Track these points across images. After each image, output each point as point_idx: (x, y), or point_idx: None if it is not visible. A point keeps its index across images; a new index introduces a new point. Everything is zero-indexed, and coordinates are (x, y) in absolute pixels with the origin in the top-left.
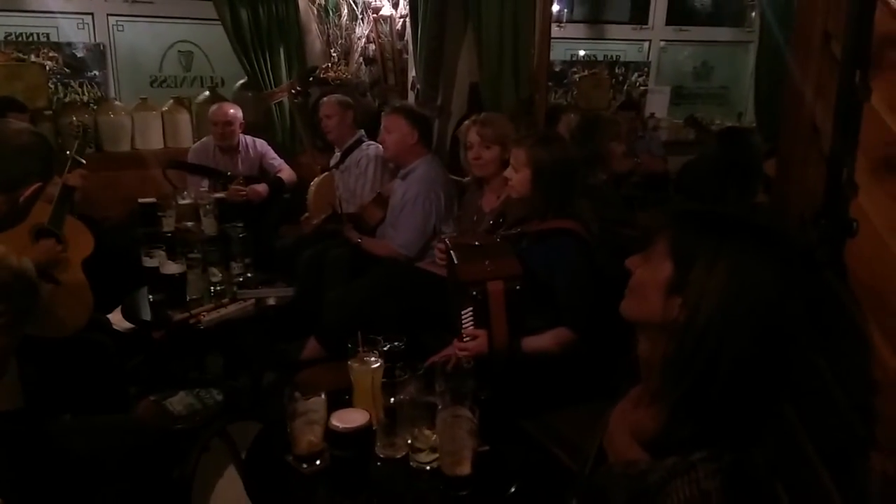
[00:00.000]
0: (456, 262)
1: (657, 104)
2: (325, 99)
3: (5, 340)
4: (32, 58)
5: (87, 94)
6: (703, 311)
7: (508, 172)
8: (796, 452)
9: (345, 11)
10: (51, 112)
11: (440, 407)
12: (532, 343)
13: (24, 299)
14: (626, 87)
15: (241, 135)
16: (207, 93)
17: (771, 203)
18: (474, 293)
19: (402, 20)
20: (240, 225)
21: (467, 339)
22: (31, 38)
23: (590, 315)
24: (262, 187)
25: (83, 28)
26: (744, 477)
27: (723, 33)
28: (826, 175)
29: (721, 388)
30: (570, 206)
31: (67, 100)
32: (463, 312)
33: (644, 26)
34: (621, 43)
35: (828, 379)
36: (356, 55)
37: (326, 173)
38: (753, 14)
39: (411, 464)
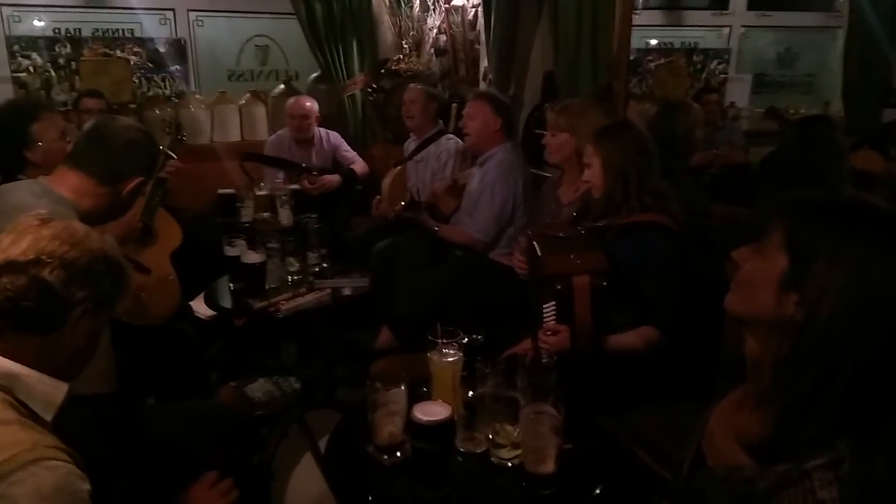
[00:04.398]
0: (539, 254)
1: (738, 93)
2: (411, 85)
3: (91, 326)
4: (118, 53)
5: (168, 87)
6: (823, 309)
7: (586, 173)
8: None
9: (417, 2)
10: (135, 106)
11: (522, 403)
12: (616, 341)
13: (106, 282)
14: (704, 76)
15: (316, 127)
16: (283, 86)
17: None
18: (558, 287)
19: (474, 10)
20: (314, 216)
21: (549, 333)
22: (116, 34)
23: (677, 313)
24: (335, 178)
25: (165, 24)
26: (864, 488)
27: (808, 18)
28: None
29: (840, 392)
30: (655, 198)
31: (150, 94)
32: (545, 306)
33: (724, 12)
34: (700, 29)
35: None
36: (427, 46)
37: (400, 167)
38: None
39: (492, 459)
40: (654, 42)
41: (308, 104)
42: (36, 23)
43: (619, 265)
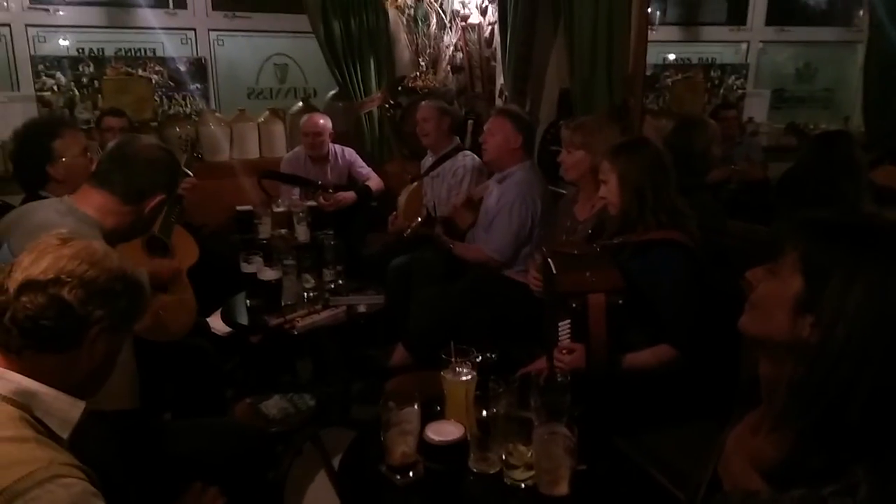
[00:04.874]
0: (554, 271)
1: (756, 108)
2: (423, 103)
3: (108, 344)
4: (140, 72)
5: (189, 106)
6: (839, 331)
7: (602, 189)
8: None
9: (433, 20)
10: (156, 124)
11: (536, 423)
12: (632, 360)
13: (124, 301)
14: (722, 91)
15: (330, 144)
16: (301, 104)
17: None
18: (573, 305)
19: (490, 27)
20: (330, 232)
21: (564, 352)
22: (138, 54)
23: (694, 331)
24: (349, 195)
25: (186, 43)
26: None
27: (827, 33)
28: None
29: (857, 415)
30: (672, 215)
31: (171, 112)
32: (560, 324)
33: (742, 27)
34: (717, 45)
35: None
36: (444, 63)
37: (416, 183)
38: (861, 12)
39: (505, 480)
40: (671, 57)
41: (321, 121)
42: (61, 42)
43: (635, 282)
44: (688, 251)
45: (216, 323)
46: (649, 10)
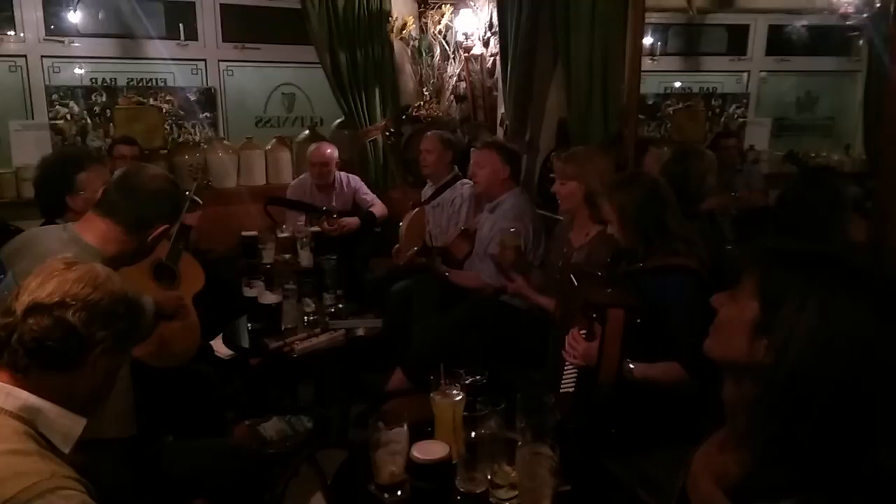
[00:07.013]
0: (576, 283)
1: (757, 136)
2: (427, 134)
3: (109, 363)
4: (151, 101)
5: (198, 134)
6: (790, 354)
7: (609, 227)
8: None
9: (437, 51)
10: (166, 151)
11: (520, 443)
12: (644, 370)
13: (125, 322)
14: (723, 120)
15: (336, 172)
16: (307, 132)
17: (869, 240)
18: (593, 315)
19: (492, 58)
20: (333, 258)
21: (582, 333)
22: (150, 84)
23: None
24: (353, 220)
25: (196, 73)
26: None
27: (827, 62)
28: None
29: (810, 434)
30: (685, 242)
31: (181, 140)
32: (573, 332)
33: (742, 57)
34: (718, 74)
35: None
36: (447, 93)
37: (417, 209)
38: (861, 42)
39: (491, 500)
40: (677, 85)
41: (328, 151)
42: (75, 72)
43: (649, 304)
44: (698, 277)
45: (220, 346)
46: (649, 41)
